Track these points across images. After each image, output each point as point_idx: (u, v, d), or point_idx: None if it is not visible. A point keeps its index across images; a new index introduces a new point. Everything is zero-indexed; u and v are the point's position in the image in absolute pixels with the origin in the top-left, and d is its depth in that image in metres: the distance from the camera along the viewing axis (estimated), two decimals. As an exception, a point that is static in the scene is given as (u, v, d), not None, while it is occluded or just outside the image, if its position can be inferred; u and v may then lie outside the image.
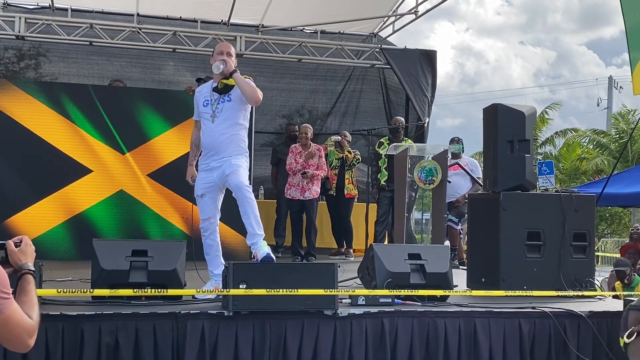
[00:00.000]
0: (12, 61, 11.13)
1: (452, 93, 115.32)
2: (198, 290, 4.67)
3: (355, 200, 9.87)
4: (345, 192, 9.59)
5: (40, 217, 8.17)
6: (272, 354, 4.52)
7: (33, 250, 2.51)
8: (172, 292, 4.50)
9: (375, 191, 9.26)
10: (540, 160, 28.59)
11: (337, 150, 9.72)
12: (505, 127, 5.88)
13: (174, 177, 7.86)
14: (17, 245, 2.46)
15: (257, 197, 10.30)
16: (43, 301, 4.50)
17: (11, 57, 11.06)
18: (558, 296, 5.30)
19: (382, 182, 8.95)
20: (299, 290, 4.31)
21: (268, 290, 4.26)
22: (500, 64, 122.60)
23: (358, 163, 9.52)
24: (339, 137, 9.66)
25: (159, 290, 4.44)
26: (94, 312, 4.34)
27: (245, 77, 5.27)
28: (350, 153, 9.50)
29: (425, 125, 8.86)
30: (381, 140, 9.22)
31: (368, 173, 9.50)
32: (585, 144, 28.34)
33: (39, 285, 4.40)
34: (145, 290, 4.46)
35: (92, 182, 8.31)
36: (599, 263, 12.74)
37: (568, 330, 4.94)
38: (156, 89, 9.94)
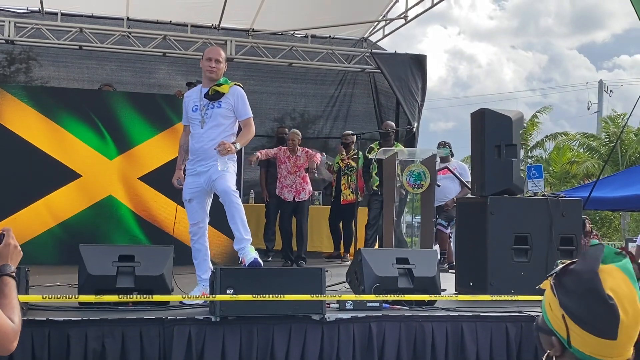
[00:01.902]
0: (3, 65, 11.09)
1: (445, 97, 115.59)
2: (184, 296, 4.65)
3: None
4: (342, 198, 9.61)
5: (30, 222, 8.14)
6: (259, 359, 4.52)
7: (15, 251, 2.33)
8: (157, 298, 4.50)
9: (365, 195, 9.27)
10: (530, 164, 28.72)
11: (340, 155, 9.78)
12: (493, 132, 5.91)
13: (163, 181, 7.86)
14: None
15: (247, 200, 10.34)
16: (30, 307, 4.50)
17: (1, 61, 11.03)
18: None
19: (375, 187, 8.95)
20: (285, 295, 4.31)
21: (254, 295, 4.26)
22: (493, 68, 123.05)
23: (351, 171, 9.49)
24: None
25: (145, 296, 4.43)
26: (80, 318, 4.33)
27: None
28: (343, 161, 9.53)
29: (414, 130, 8.87)
30: (371, 145, 9.21)
31: (355, 178, 9.50)
32: (575, 147, 28.47)
33: (25, 290, 4.39)
34: (131, 296, 4.45)
35: (82, 187, 8.29)
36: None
37: (555, 334, 4.95)
38: (144, 94, 9.91)
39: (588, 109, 35.41)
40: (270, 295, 4.31)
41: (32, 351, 4.20)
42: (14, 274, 2.33)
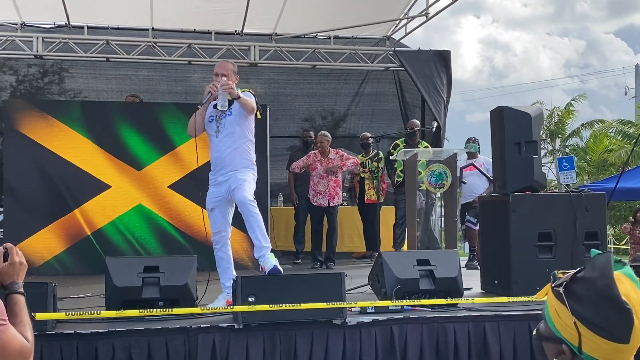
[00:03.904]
0: (36, 77, 11.38)
1: (481, 87, 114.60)
2: (202, 307, 4.74)
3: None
4: (365, 198, 9.65)
5: (63, 234, 8.33)
6: (282, 364, 4.60)
7: (22, 267, 2.37)
8: (176, 310, 4.60)
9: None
10: (567, 153, 28.33)
11: (361, 155, 9.82)
12: (512, 129, 5.89)
13: (195, 187, 7.98)
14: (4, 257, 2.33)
15: (276, 203, 10.43)
16: (58, 320, 4.62)
17: (35, 74, 11.31)
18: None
19: (398, 182, 8.97)
20: (301, 304, 4.37)
21: (271, 305, 4.33)
22: (529, 56, 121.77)
23: (377, 172, 9.55)
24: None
25: (166, 309, 4.54)
26: (107, 330, 4.45)
27: (245, 90, 5.35)
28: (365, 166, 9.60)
29: (434, 129, 8.84)
30: (397, 142, 9.21)
31: (377, 177, 9.54)
32: (612, 135, 27.94)
33: (54, 304, 4.51)
34: (151, 310, 4.55)
35: (111, 198, 8.46)
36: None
37: (579, 331, 4.93)
38: (168, 103, 9.94)
39: (625, 94, 34.87)
40: (287, 305, 4.37)
41: (62, 364, 4.33)
42: (22, 291, 2.36)
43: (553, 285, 1.76)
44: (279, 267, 4.88)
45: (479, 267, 8.40)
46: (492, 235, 6.19)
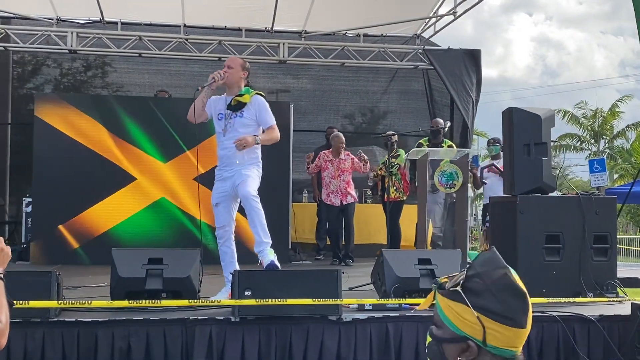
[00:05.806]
0: (79, 71, 11.72)
1: (533, 85, 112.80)
2: (190, 301, 4.85)
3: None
4: (385, 196, 9.66)
5: (90, 224, 8.57)
6: (277, 358, 4.67)
7: (2, 254, 2.50)
8: (165, 302, 4.72)
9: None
10: (611, 155, 27.82)
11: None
12: (522, 130, 5.85)
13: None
14: None
15: (301, 200, 10.54)
16: (62, 308, 4.78)
17: (78, 67, 11.67)
18: (569, 302, 5.26)
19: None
20: (287, 300, 4.43)
21: (257, 300, 4.41)
22: (583, 55, 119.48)
23: (390, 167, 9.50)
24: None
25: (154, 301, 4.66)
26: (107, 319, 4.59)
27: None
28: (385, 165, 9.57)
29: (446, 129, 8.79)
30: (420, 141, 9.19)
31: (395, 174, 9.53)
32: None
33: (57, 293, 4.66)
34: (140, 302, 4.67)
35: (137, 190, 8.66)
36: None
37: (577, 334, 4.92)
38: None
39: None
40: (274, 300, 4.44)
41: (63, 350, 4.49)
42: (2, 277, 2.48)
43: (442, 290, 1.80)
44: (277, 263, 4.97)
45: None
46: (500, 236, 6.17)
